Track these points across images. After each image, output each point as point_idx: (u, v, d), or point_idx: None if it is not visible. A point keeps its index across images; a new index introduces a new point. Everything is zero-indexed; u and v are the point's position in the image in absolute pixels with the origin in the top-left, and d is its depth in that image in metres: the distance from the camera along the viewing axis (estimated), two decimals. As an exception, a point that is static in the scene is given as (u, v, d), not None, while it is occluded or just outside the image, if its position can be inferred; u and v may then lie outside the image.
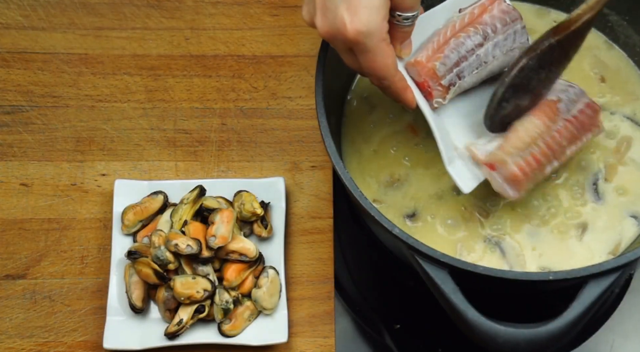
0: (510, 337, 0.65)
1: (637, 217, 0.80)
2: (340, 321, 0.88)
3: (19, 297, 0.87)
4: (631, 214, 0.80)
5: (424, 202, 0.81)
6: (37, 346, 0.85)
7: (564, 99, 0.77)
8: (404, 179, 0.82)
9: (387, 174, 0.83)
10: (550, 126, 0.76)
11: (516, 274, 0.68)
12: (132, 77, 0.98)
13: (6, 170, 0.93)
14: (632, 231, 0.79)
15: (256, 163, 0.93)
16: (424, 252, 0.68)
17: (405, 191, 0.82)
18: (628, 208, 0.81)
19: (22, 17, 1.00)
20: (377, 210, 0.70)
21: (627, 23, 0.86)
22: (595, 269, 0.67)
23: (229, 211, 0.85)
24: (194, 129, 0.95)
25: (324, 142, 0.73)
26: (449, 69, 0.75)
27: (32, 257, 0.89)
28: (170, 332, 0.82)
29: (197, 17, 1.01)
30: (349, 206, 0.93)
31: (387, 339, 0.87)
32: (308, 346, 0.85)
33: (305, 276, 0.88)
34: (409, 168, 0.83)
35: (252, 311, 0.85)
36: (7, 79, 0.97)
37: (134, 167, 0.93)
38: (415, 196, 0.81)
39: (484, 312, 0.66)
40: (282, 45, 0.99)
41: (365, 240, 0.92)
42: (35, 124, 0.95)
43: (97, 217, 0.91)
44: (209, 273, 0.84)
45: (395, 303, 0.90)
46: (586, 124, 0.77)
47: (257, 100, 0.96)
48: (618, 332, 0.87)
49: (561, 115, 0.76)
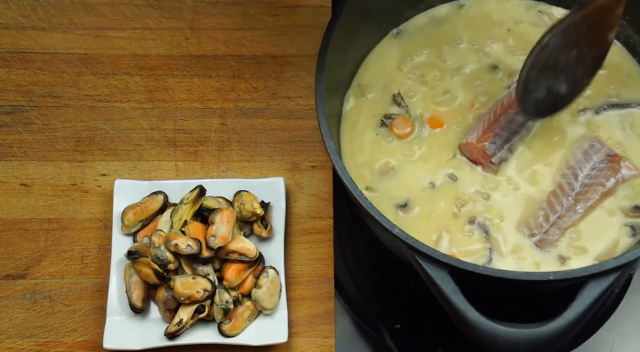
0: (510, 337, 0.65)
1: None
2: (340, 321, 0.88)
3: (19, 297, 0.87)
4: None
5: (417, 193, 0.81)
6: (37, 346, 0.85)
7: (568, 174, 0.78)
8: (398, 168, 0.82)
9: (382, 162, 0.83)
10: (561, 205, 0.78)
11: (516, 274, 0.68)
12: (132, 77, 0.98)
13: (6, 170, 0.93)
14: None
15: (256, 163, 0.93)
16: (424, 252, 0.68)
17: (399, 181, 0.82)
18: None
19: (22, 17, 1.00)
20: (377, 210, 0.70)
21: (627, 23, 0.86)
22: (595, 269, 0.67)
23: (229, 211, 0.85)
24: (194, 129, 0.95)
25: (324, 142, 0.73)
26: (499, 146, 0.79)
27: (32, 257, 0.89)
28: (170, 332, 0.82)
29: (197, 17, 1.01)
30: (349, 206, 0.93)
31: (387, 339, 0.87)
32: (308, 346, 0.85)
33: (305, 276, 0.88)
34: (403, 161, 0.83)
35: (252, 311, 0.85)
36: (7, 79, 0.97)
37: (134, 167, 0.93)
38: (409, 185, 0.82)
39: (484, 312, 0.66)
40: (282, 45, 0.99)
41: (365, 240, 0.92)
42: (35, 124, 0.95)
43: (97, 217, 0.91)
44: (209, 273, 0.84)
45: (395, 303, 0.90)
46: (606, 175, 0.79)
47: (257, 100, 0.96)
48: (618, 332, 0.87)
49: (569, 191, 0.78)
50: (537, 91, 0.75)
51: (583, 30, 0.72)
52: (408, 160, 0.83)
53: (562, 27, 0.71)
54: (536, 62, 0.73)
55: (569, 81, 0.75)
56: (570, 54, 0.73)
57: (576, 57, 0.74)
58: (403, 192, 0.81)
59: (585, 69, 0.75)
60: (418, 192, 0.81)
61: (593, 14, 0.71)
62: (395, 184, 0.82)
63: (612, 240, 0.78)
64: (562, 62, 0.73)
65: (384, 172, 0.82)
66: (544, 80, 0.74)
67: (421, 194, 0.81)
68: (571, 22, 0.71)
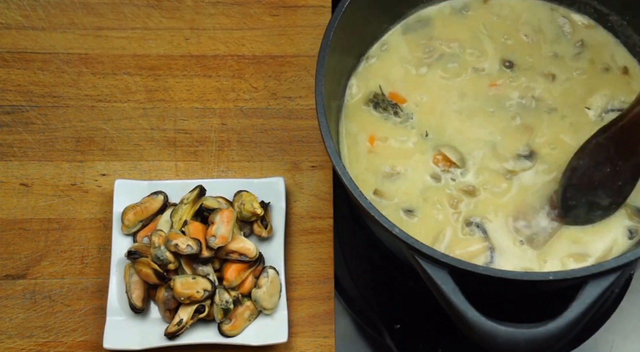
0: (510, 337, 0.65)
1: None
2: (340, 321, 0.88)
3: (19, 297, 0.87)
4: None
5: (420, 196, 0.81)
6: (37, 346, 0.85)
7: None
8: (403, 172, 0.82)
9: (387, 166, 0.83)
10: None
11: (516, 274, 0.68)
12: (132, 77, 0.98)
13: (6, 170, 0.93)
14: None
15: (256, 163, 0.93)
16: (424, 252, 0.68)
17: (401, 184, 0.82)
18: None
19: (22, 17, 1.00)
20: (377, 210, 0.70)
21: (627, 23, 0.86)
22: (595, 269, 0.67)
23: (229, 211, 0.85)
24: (194, 129, 0.95)
25: (324, 142, 0.73)
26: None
27: (32, 257, 0.89)
28: (170, 332, 0.82)
29: (197, 17, 1.01)
30: (349, 206, 0.93)
31: (387, 339, 0.87)
32: (308, 346, 0.85)
33: (305, 276, 0.88)
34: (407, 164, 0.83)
35: (252, 311, 0.85)
36: (7, 79, 0.97)
37: (134, 167, 0.93)
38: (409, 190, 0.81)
39: (484, 312, 0.66)
40: (282, 45, 0.99)
41: (365, 240, 0.92)
42: (35, 124, 0.95)
43: (97, 217, 0.91)
44: (209, 273, 0.84)
45: (395, 303, 0.90)
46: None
47: (257, 100, 0.96)
48: (618, 332, 0.87)
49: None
50: (578, 207, 0.77)
51: (611, 149, 0.73)
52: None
53: (588, 149, 0.73)
54: (570, 182, 0.76)
55: (609, 193, 0.76)
56: (604, 170, 0.75)
57: (611, 171, 0.75)
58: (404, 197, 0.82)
59: (625, 178, 0.76)
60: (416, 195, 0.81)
61: (618, 133, 0.72)
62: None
63: (610, 240, 0.78)
64: (597, 179, 0.75)
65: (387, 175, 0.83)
66: (582, 196, 0.76)
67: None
68: (597, 143, 0.73)
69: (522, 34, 0.88)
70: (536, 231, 0.78)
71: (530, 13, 0.89)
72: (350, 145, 0.83)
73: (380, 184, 0.81)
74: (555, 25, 0.88)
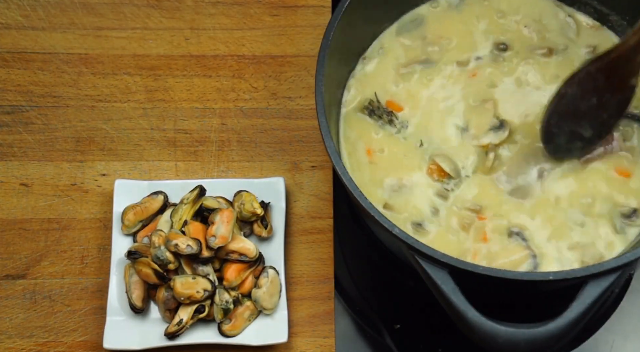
0: (510, 337, 0.65)
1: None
2: (340, 321, 0.88)
3: (19, 297, 0.87)
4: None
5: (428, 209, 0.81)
6: (37, 346, 0.85)
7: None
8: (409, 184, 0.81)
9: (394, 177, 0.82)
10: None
11: (516, 274, 0.68)
12: (132, 77, 0.98)
13: (6, 170, 0.93)
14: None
15: (256, 163, 0.93)
16: (424, 252, 0.68)
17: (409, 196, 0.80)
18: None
19: (22, 17, 1.00)
20: (376, 210, 0.70)
21: (627, 23, 0.86)
22: (595, 269, 0.67)
23: (229, 211, 0.85)
24: (194, 129, 0.95)
25: (324, 142, 0.73)
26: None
27: (32, 257, 0.89)
28: (170, 332, 0.82)
29: (197, 17, 1.01)
30: (349, 206, 0.93)
31: (387, 339, 0.87)
32: (308, 346, 0.86)
33: (305, 276, 0.88)
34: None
35: (252, 311, 0.85)
36: (7, 79, 0.97)
37: (134, 167, 0.93)
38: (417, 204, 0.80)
39: (484, 312, 0.66)
40: (282, 45, 0.99)
41: (365, 240, 0.92)
42: (35, 124, 0.95)
43: (97, 217, 0.91)
44: (209, 273, 0.84)
45: (395, 303, 0.90)
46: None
47: (257, 100, 0.96)
48: (618, 332, 0.87)
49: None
50: (560, 135, 0.77)
51: (601, 80, 0.73)
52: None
53: (578, 77, 0.73)
54: (556, 109, 0.75)
55: (593, 125, 0.77)
56: (591, 101, 0.75)
57: (597, 103, 0.75)
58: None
59: (610, 112, 0.76)
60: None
61: (609, 64, 0.72)
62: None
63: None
64: (583, 109, 0.75)
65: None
66: (565, 125, 0.76)
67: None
68: (587, 72, 0.73)
69: (522, 25, 0.87)
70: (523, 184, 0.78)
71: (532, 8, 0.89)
72: (350, 152, 0.83)
73: (388, 197, 0.80)
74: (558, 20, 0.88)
